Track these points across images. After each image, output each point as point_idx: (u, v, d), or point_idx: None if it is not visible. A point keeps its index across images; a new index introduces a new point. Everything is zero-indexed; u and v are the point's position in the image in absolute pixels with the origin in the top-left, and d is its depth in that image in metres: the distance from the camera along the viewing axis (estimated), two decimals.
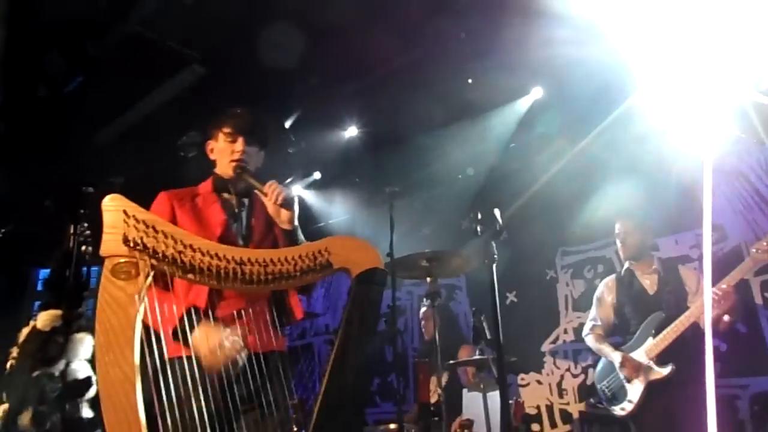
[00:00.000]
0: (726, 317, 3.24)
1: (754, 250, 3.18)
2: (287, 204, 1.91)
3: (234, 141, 2.10)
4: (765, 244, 3.15)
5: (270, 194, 1.91)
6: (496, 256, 2.18)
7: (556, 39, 3.70)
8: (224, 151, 2.11)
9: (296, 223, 1.97)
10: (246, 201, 2.15)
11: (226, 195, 2.12)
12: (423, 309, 4.72)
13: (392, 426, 3.52)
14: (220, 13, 3.78)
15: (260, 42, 3.93)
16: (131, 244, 1.31)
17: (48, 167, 4.94)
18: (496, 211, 2.08)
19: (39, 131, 4.60)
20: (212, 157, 2.19)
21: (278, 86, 4.44)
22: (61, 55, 3.72)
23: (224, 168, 2.12)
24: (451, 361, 3.72)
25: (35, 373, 1.29)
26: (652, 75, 3.76)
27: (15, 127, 4.48)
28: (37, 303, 5.07)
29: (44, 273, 5.29)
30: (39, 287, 5.31)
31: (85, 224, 1.47)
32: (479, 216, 2.10)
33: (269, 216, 2.00)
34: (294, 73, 4.36)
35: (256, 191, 2.03)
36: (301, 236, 1.98)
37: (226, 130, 2.12)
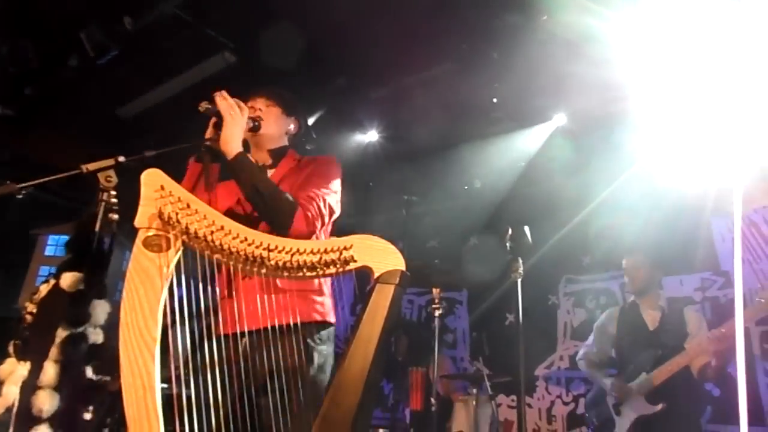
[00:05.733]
0: (714, 361, 3.26)
1: (758, 299, 3.19)
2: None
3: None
4: None
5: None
6: (521, 272, 2.21)
7: (582, 68, 3.76)
8: None
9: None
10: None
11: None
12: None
13: None
14: (258, 7, 3.84)
15: (293, 38, 3.99)
16: (165, 219, 1.35)
17: (70, 135, 5.00)
18: (527, 229, 2.10)
19: (66, 99, 4.66)
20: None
21: (305, 83, 4.49)
22: (99, 28, 3.77)
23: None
24: (445, 374, 3.74)
25: (64, 333, 1.31)
26: (679, 109, 3.81)
27: (44, 93, 4.54)
28: (44, 268, 5.11)
29: (54, 239, 5.33)
30: (48, 252, 5.34)
31: (114, 192, 1.49)
32: (509, 232, 2.13)
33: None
34: (322, 72, 4.42)
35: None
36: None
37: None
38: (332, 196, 2.00)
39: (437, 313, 3.43)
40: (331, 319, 1.95)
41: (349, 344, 1.37)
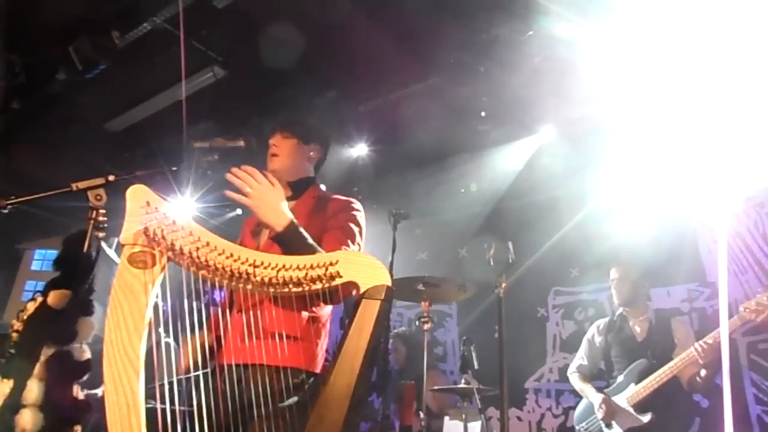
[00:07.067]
0: (703, 372, 3.27)
1: (742, 309, 3.20)
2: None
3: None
4: (754, 304, 3.16)
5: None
6: (504, 286, 2.22)
7: (569, 80, 3.81)
8: None
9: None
10: None
11: None
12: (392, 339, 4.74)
13: None
14: (247, 21, 3.86)
15: (282, 52, 4.01)
16: (151, 235, 1.34)
17: (58, 148, 4.98)
18: (510, 245, 2.12)
19: (54, 113, 4.65)
20: None
21: (295, 97, 4.51)
22: (88, 42, 3.77)
23: None
24: (436, 387, 3.73)
25: (50, 351, 1.30)
26: (666, 121, 3.86)
27: (32, 107, 4.53)
28: (31, 282, 5.06)
29: (41, 253, 5.29)
30: (35, 267, 5.29)
31: (102, 210, 1.49)
32: (493, 247, 2.14)
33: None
34: (312, 86, 4.44)
35: None
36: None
37: None
38: (361, 241, 2.03)
39: (426, 326, 3.42)
40: (313, 368, 1.83)
41: (335, 359, 1.37)
